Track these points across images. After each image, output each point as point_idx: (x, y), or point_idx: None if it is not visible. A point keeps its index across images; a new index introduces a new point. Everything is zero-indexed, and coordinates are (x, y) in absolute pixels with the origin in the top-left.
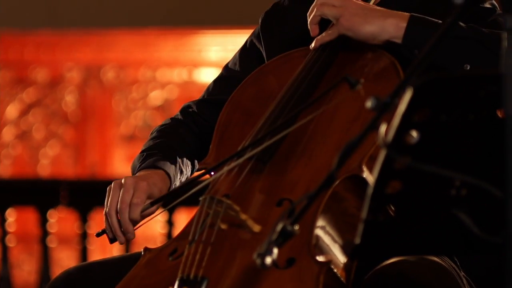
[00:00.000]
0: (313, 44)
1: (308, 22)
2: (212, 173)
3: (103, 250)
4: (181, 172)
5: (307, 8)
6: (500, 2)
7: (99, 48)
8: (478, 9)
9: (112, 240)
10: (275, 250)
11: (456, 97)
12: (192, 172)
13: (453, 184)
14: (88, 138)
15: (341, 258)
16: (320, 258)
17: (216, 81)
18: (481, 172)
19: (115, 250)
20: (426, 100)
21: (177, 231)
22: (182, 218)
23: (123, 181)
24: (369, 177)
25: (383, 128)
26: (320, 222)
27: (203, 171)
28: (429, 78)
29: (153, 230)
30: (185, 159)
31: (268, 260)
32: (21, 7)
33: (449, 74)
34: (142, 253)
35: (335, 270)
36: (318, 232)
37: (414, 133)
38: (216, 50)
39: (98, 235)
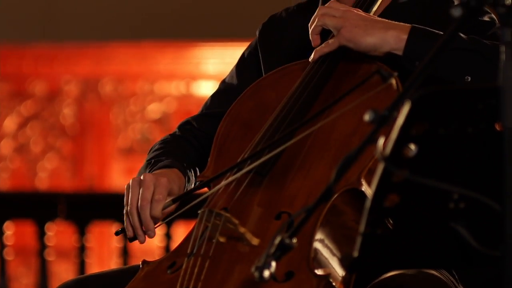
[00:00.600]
0: (312, 56)
1: (310, 32)
2: (211, 185)
3: (101, 263)
4: (189, 179)
5: (303, 20)
6: (498, 16)
7: (97, 61)
8: (477, 23)
9: (132, 239)
10: (273, 263)
11: (454, 110)
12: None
13: (451, 197)
14: (86, 151)
15: (340, 272)
16: (319, 272)
17: (214, 95)
18: (480, 185)
19: (113, 263)
20: (424, 114)
21: (175, 244)
22: (180, 231)
23: (142, 177)
24: (367, 190)
25: (381, 141)
26: (319, 235)
27: (200, 183)
28: (427, 92)
29: (151, 243)
30: (190, 168)
31: (266, 273)
32: (19, 20)
33: (447, 87)
34: (141, 266)
35: (334, 284)
36: (317, 245)
37: (412, 146)
38: (214, 63)
39: (118, 233)
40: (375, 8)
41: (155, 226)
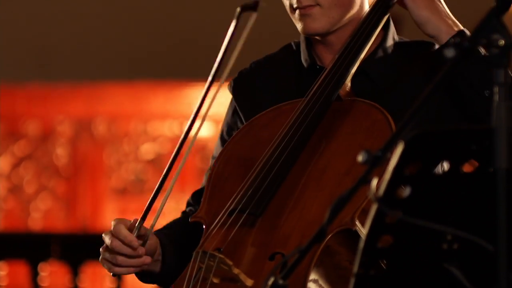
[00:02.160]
0: None
1: None
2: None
3: None
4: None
5: (271, 70)
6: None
7: (90, 101)
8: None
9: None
10: None
11: (447, 151)
12: None
13: (444, 238)
14: (80, 191)
15: None
16: None
17: (207, 173)
18: (473, 226)
19: None
20: (417, 154)
21: None
22: None
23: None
24: (361, 230)
25: (374, 182)
26: (313, 276)
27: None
28: (420, 132)
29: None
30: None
31: None
32: (13, 60)
33: (440, 128)
34: None
35: None
36: (311, 285)
37: (406, 187)
38: (207, 103)
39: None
40: (366, 50)
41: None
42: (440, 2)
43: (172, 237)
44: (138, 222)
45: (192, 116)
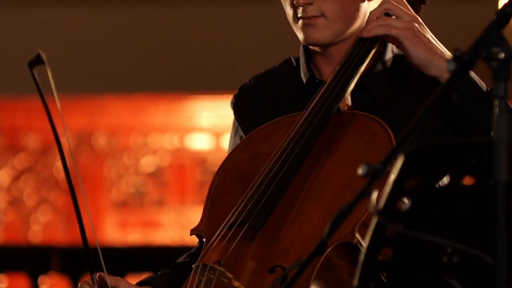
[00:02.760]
0: (364, 33)
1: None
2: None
3: None
4: None
5: (271, 85)
6: (491, 70)
7: (90, 113)
8: None
9: None
10: None
11: (448, 164)
12: None
13: (445, 251)
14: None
15: None
16: None
17: None
18: (473, 239)
19: None
20: (417, 167)
21: None
22: None
23: None
24: (361, 243)
25: (374, 195)
26: None
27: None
28: (420, 145)
29: None
30: None
31: None
32: (12, 73)
33: (440, 141)
34: None
35: None
36: None
37: (406, 200)
38: (208, 116)
39: None
40: (362, 68)
41: None
42: (435, 40)
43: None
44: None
45: None
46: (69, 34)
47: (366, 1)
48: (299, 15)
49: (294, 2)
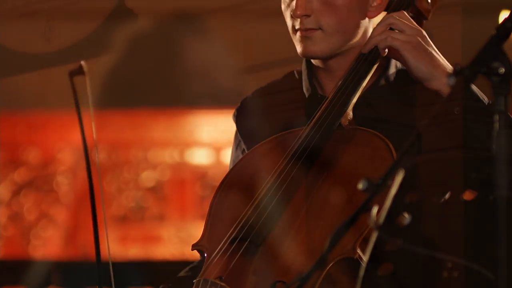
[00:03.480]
0: (365, 47)
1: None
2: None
3: None
4: None
5: (273, 99)
6: (491, 85)
7: (90, 128)
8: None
9: None
10: None
11: (447, 179)
12: None
13: (445, 265)
14: (80, 219)
15: None
16: None
17: None
18: (473, 254)
19: None
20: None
21: None
22: None
23: None
24: (363, 259)
25: (374, 210)
26: None
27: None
28: (420, 160)
29: None
30: None
31: None
32: (12, 88)
33: (440, 156)
34: None
35: None
36: None
37: (406, 215)
38: (208, 131)
39: None
40: (364, 84)
41: None
42: (438, 54)
43: None
44: None
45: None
46: (68, 49)
47: (367, 18)
48: (297, 27)
49: (292, 14)
